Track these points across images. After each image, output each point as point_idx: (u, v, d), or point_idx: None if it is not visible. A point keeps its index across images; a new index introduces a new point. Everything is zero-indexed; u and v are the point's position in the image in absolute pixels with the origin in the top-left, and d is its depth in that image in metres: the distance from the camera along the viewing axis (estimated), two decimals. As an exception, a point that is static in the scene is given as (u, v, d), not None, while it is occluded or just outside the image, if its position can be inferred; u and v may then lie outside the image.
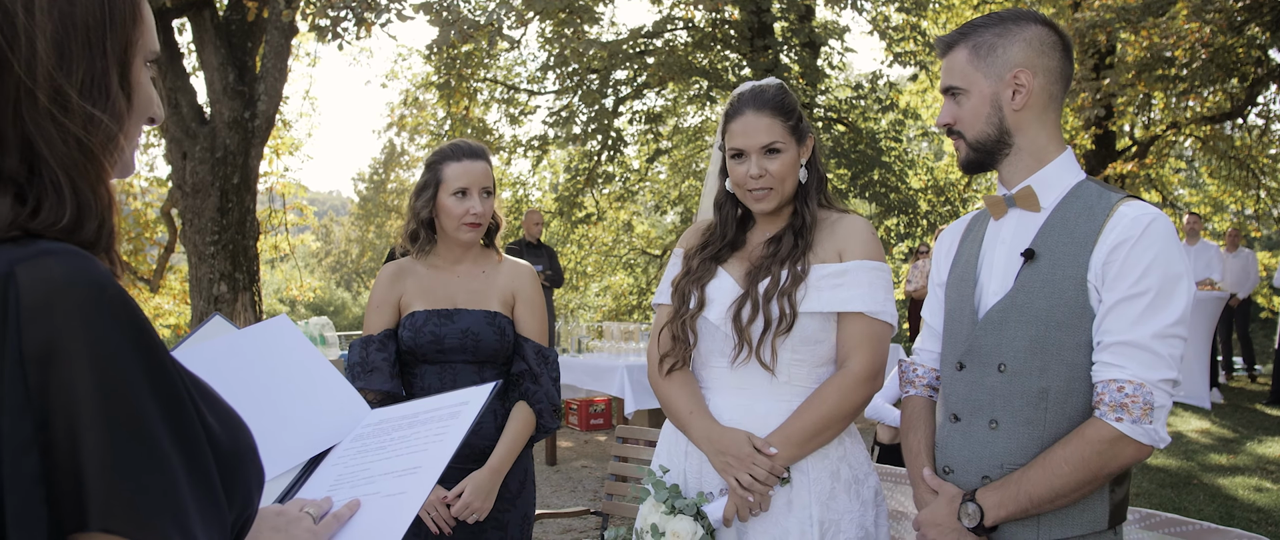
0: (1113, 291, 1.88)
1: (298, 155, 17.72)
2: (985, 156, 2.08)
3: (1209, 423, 9.40)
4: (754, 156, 2.32)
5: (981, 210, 2.26)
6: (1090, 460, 1.87)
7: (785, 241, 2.36)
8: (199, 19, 11.85)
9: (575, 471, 8.01)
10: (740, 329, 2.30)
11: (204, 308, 12.01)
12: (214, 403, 1.06)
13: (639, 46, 15.75)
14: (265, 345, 1.84)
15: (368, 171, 38.45)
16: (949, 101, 2.10)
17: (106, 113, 1.01)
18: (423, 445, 1.58)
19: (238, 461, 1.05)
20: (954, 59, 2.07)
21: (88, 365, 0.90)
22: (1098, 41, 13.87)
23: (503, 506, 2.87)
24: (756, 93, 2.37)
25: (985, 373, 2.02)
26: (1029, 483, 1.92)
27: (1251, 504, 6.46)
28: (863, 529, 2.31)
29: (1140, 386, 1.84)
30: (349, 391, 1.82)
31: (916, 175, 18.30)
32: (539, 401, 2.92)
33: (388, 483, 1.49)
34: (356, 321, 32.62)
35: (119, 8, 1.03)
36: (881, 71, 17.25)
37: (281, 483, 1.60)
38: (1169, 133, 16.57)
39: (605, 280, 21.50)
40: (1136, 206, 1.93)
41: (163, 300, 17.29)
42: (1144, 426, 1.84)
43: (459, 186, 2.86)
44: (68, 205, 0.98)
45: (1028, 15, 2.06)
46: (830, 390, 2.28)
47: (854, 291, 2.29)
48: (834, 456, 2.32)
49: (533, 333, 2.96)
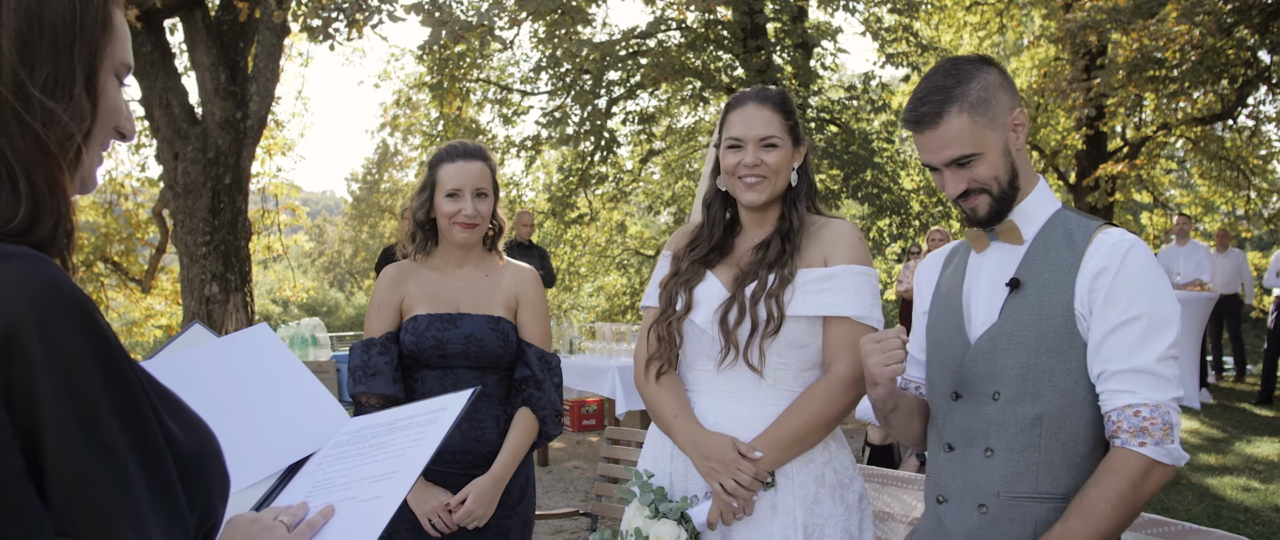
0: (1103, 320, 1.90)
1: (290, 155, 17.68)
2: (1008, 206, 2.04)
3: (1198, 423, 9.44)
4: (751, 146, 2.34)
5: (958, 243, 2.26)
6: (1126, 493, 1.86)
7: (773, 246, 2.37)
8: (190, 19, 11.82)
9: (567, 472, 8.02)
10: (727, 332, 2.31)
11: (196, 308, 11.98)
12: (176, 407, 1.06)
13: (632, 47, 15.76)
14: (245, 353, 1.83)
15: (361, 171, 38.44)
16: (954, 171, 2.00)
17: (67, 112, 1.02)
18: (400, 450, 1.58)
19: (201, 466, 1.04)
20: (950, 128, 1.97)
21: (44, 368, 0.89)
22: (1089, 42, 13.93)
23: (504, 512, 2.86)
24: (761, 90, 2.43)
25: (980, 402, 2.02)
26: (1072, 534, 1.88)
27: (1239, 504, 6.50)
28: (847, 533, 2.32)
29: (1157, 408, 1.86)
30: (328, 400, 1.82)
31: (909, 176, 18.34)
32: (542, 408, 2.89)
33: (364, 488, 1.49)
34: (349, 322, 32.58)
35: (89, 15, 1.04)
36: (874, 72, 17.29)
37: (258, 490, 1.60)
38: (1160, 134, 16.61)
39: (598, 281, 21.49)
40: (1114, 233, 1.96)
41: (154, 301, 17.26)
42: (1166, 447, 1.86)
43: (452, 188, 2.84)
44: (23, 201, 0.99)
45: (977, 59, 2.04)
46: (815, 394, 2.29)
47: (840, 296, 2.30)
48: (819, 461, 2.33)
49: (536, 337, 2.94)
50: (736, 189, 2.40)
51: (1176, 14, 11.88)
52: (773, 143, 2.35)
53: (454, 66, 15.76)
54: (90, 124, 1.06)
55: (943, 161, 2.00)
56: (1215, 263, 11.26)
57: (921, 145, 2.03)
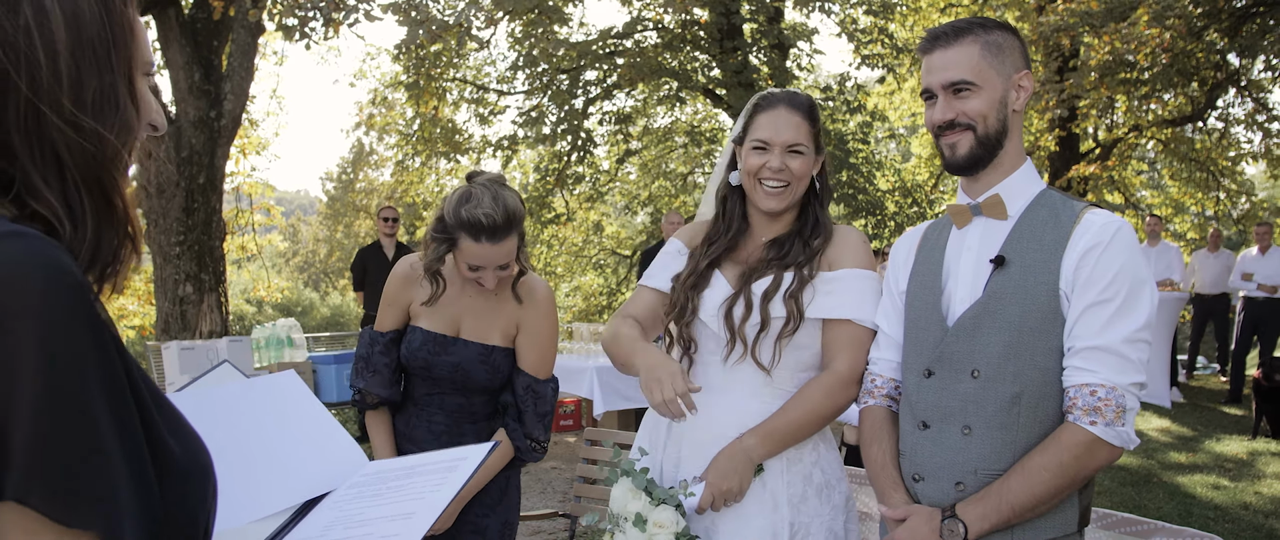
0: (1082, 297, 1.93)
1: (265, 155, 17.56)
2: (987, 155, 2.06)
3: (1169, 421, 9.56)
4: (777, 150, 2.33)
5: (935, 220, 2.28)
6: (1068, 465, 1.90)
7: (791, 247, 2.37)
8: (164, 17, 11.72)
9: (544, 473, 8.01)
10: (733, 327, 2.31)
11: (169, 309, 11.88)
12: (171, 416, 1.06)
13: (609, 47, 15.76)
14: (269, 394, 1.89)
15: (336, 171, 38.17)
16: (949, 97, 2.04)
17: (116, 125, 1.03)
18: (419, 493, 1.63)
19: (189, 475, 1.04)
20: (962, 52, 2.03)
21: (35, 342, 0.89)
22: (1062, 45, 14.05)
23: (482, 512, 2.85)
24: (791, 94, 2.40)
25: (957, 379, 2.03)
26: (1010, 493, 1.93)
27: (1209, 502, 6.58)
28: (832, 533, 2.33)
29: (1113, 390, 1.89)
30: (348, 441, 1.87)
31: (884, 177, 18.45)
32: (516, 440, 2.82)
33: (382, 526, 1.53)
34: (325, 323, 32.37)
35: (118, 24, 1.04)
36: (849, 73, 17.38)
37: (273, 523, 1.63)
38: (1131, 135, 16.82)
39: (575, 281, 21.47)
40: (1103, 214, 1.99)
41: (127, 301, 17.07)
42: (1116, 429, 1.89)
43: (473, 264, 2.70)
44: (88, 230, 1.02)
45: (1008, 24, 2.09)
46: (816, 389, 2.30)
47: (845, 299, 2.32)
48: (807, 460, 2.35)
49: (530, 365, 2.83)
50: (755, 192, 2.38)
51: (1147, 17, 12.00)
52: (799, 150, 2.34)
53: (430, 66, 15.70)
54: (136, 129, 1.07)
55: (942, 83, 2.05)
56: (1206, 262, 11.41)
57: (928, 67, 2.08)
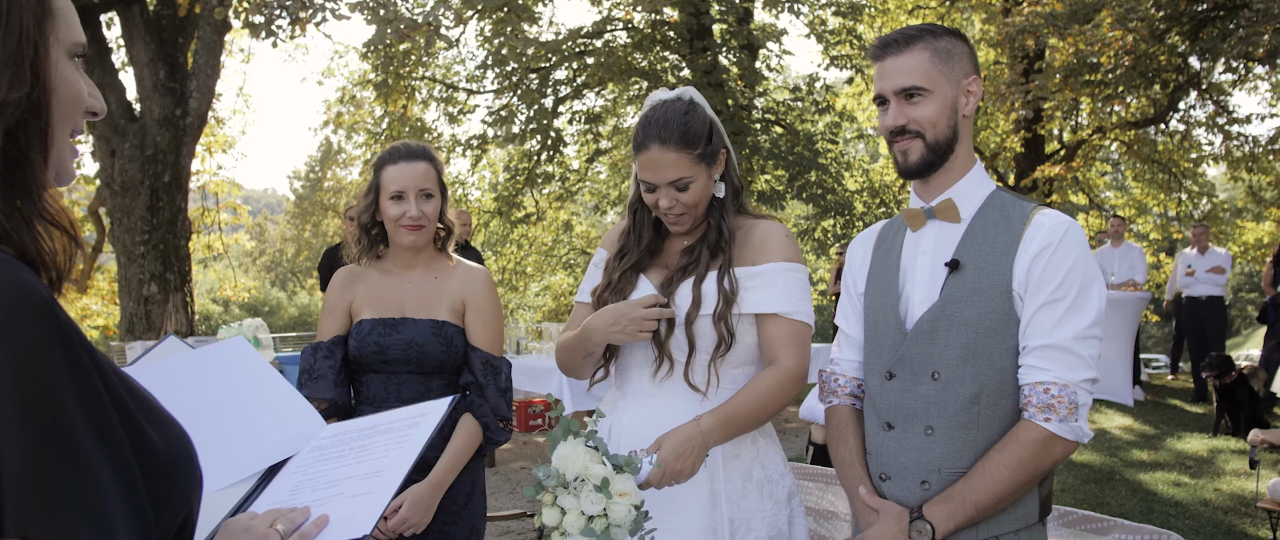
0: (1035, 297, 1.98)
1: (231, 153, 17.41)
2: (938, 160, 2.09)
3: (1131, 419, 9.69)
4: (663, 190, 2.31)
5: (888, 221, 2.31)
6: (1026, 462, 1.96)
7: (701, 255, 2.37)
8: (128, 14, 11.58)
9: (514, 473, 8.00)
10: (659, 344, 2.32)
11: (133, 309, 11.75)
12: (152, 410, 1.04)
13: (578, 46, 15.75)
14: (221, 363, 1.87)
15: (304, 169, 37.89)
16: (901, 103, 2.08)
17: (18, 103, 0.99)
18: (383, 452, 1.62)
19: (175, 467, 1.03)
20: (912, 59, 2.06)
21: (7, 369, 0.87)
22: (1027, 47, 14.22)
23: (448, 518, 2.82)
24: (661, 124, 2.29)
25: (918, 381, 2.07)
26: (973, 492, 1.98)
27: (1170, 498, 6.68)
28: (775, 528, 2.33)
29: (1065, 387, 1.94)
30: (305, 406, 1.86)
31: (852, 177, 18.54)
32: (483, 415, 2.84)
33: (350, 486, 1.53)
34: (292, 322, 32.13)
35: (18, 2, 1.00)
36: (818, 74, 17.47)
37: (238, 491, 1.63)
38: (1095, 137, 17.03)
39: (545, 280, 21.44)
40: (1052, 215, 2.04)
41: (91, 301, 16.87)
42: (1070, 424, 1.95)
43: (396, 190, 2.81)
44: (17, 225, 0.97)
45: (957, 31, 2.14)
46: (768, 380, 2.29)
47: (769, 293, 2.32)
48: (747, 457, 2.35)
49: (483, 342, 2.88)
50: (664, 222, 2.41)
51: (1111, 20, 12.18)
52: (683, 183, 2.30)
53: (399, 64, 15.62)
54: (48, 112, 1.03)
55: (893, 89, 2.08)
56: (1197, 262, 11.41)
57: (879, 73, 2.12)
